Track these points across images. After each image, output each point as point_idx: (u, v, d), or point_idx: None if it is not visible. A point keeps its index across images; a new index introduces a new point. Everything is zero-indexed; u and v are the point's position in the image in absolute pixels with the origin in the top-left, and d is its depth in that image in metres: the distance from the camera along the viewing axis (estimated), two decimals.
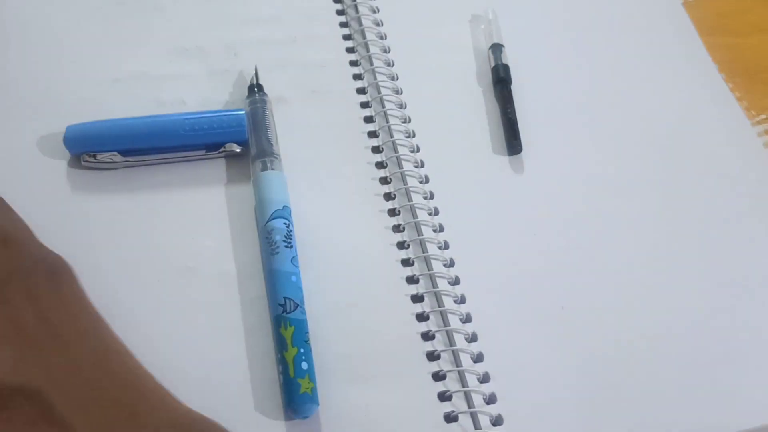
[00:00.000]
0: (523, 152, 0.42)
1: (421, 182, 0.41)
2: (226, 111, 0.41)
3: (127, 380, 0.32)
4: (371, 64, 0.45)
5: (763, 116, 0.47)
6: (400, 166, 0.42)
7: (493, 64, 0.45)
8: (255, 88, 0.42)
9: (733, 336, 0.38)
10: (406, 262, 0.39)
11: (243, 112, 0.41)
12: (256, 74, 0.43)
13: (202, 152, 0.41)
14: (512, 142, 0.42)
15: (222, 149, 0.40)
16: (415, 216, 0.40)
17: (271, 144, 0.40)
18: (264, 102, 0.42)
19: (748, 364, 0.37)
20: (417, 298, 0.38)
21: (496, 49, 0.45)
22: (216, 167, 0.41)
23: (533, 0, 0.49)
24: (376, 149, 0.42)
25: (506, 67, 0.44)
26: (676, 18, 0.50)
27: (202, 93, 0.43)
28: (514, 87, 0.44)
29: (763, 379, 0.37)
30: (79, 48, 0.44)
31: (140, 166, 0.40)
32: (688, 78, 0.47)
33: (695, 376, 0.37)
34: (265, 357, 0.35)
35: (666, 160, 0.44)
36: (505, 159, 0.43)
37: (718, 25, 0.50)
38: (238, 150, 0.40)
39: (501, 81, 0.44)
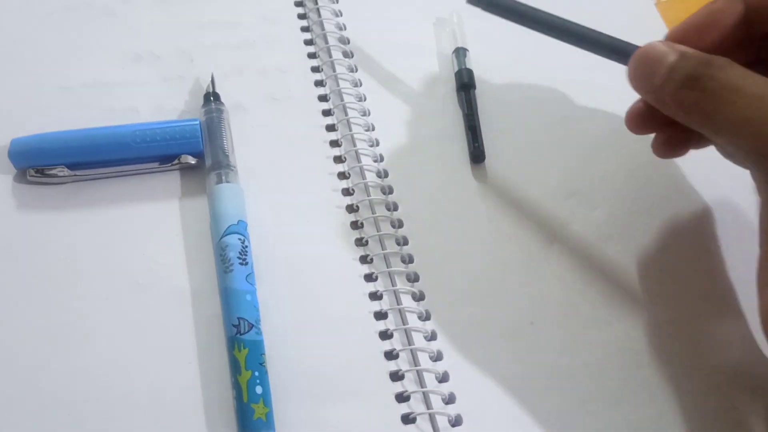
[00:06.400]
0: (486, 160, 0.41)
1: (384, 193, 0.40)
2: (181, 121, 0.39)
3: None
4: (333, 70, 0.43)
5: None
6: (363, 177, 0.40)
7: (456, 69, 0.43)
8: (211, 97, 0.40)
9: None
10: (369, 277, 0.37)
11: (197, 122, 0.39)
12: (213, 82, 0.41)
13: (156, 165, 0.39)
14: (474, 151, 0.40)
15: (176, 161, 0.39)
16: (378, 229, 0.39)
17: (227, 155, 0.39)
18: (220, 111, 0.40)
19: None
20: (380, 315, 0.36)
21: (460, 53, 0.43)
22: (170, 180, 0.39)
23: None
24: (338, 159, 0.41)
25: (470, 72, 0.43)
26: (649, 19, 0.49)
27: (155, 100, 0.41)
28: (479, 92, 0.43)
29: None
30: (25, 56, 0.42)
31: (90, 180, 0.38)
32: None
33: None
34: (220, 379, 0.34)
35: (635, 163, 0.42)
36: (468, 167, 0.41)
37: None
38: (193, 162, 0.39)
39: (464, 86, 0.42)
